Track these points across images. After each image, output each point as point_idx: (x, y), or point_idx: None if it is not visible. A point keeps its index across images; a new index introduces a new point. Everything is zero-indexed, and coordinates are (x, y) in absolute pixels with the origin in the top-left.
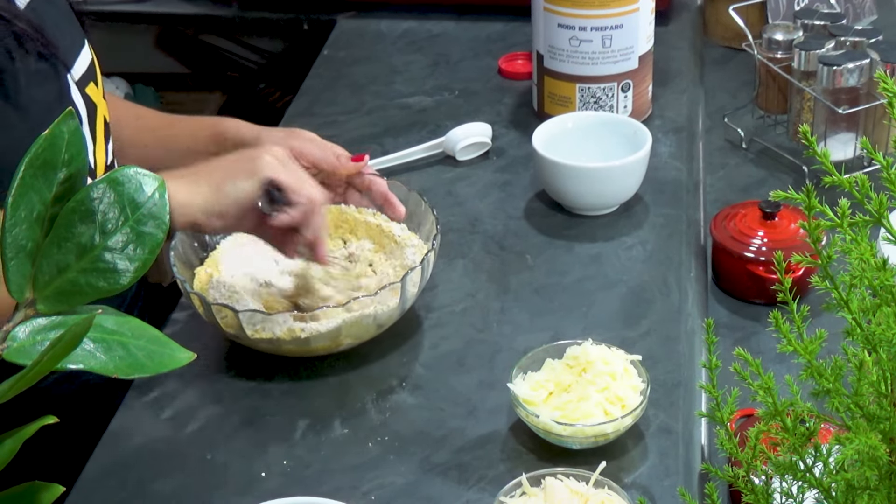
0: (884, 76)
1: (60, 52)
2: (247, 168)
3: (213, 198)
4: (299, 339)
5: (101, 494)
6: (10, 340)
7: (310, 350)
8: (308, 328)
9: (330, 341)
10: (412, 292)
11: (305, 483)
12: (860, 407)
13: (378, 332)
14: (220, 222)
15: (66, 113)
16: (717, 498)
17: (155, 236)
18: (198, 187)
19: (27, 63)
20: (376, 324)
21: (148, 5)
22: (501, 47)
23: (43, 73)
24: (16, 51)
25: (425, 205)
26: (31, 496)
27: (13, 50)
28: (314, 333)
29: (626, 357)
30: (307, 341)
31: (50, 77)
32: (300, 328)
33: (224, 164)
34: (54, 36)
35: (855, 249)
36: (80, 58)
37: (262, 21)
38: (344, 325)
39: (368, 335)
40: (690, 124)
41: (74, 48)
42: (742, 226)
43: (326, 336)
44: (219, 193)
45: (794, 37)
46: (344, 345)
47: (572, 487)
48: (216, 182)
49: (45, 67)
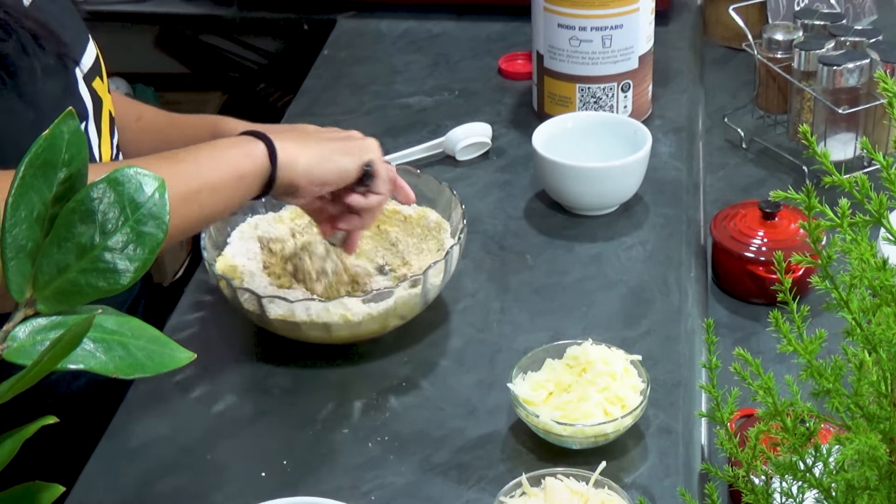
0: (884, 76)
1: (70, 48)
2: (355, 147)
3: (318, 164)
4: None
5: (102, 494)
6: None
7: (359, 334)
8: (357, 309)
9: (380, 324)
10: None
11: (305, 483)
12: (860, 407)
13: (423, 308)
14: (318, 189)
15: (67, 113)
16: (717, 498)
17: (155, 236)
18: (305, 150)
19: (40, 59)
20: (423, 301)
21: (148, 5)
22: (501, 47)
23: (53, 68)
24: (31, 46)
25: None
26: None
27: (28, 45)
28: (365, 317)
29: (626, 357)
30: (358, 325)
31: (59, 72)
32: (351, 312)
33: (333, 135)
34: (61, 32)
35: (855, 249)
36: (87, 53)
37: (262, 21)
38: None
39: (413, 313)
40: (690, 124)
41: (80, 43)
42: (742, 226)
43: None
44: (325, 162)
45: (794, 37)
46: (391, 326)
47: (572, 487)
48: (324, 150)
49: (54, 62)
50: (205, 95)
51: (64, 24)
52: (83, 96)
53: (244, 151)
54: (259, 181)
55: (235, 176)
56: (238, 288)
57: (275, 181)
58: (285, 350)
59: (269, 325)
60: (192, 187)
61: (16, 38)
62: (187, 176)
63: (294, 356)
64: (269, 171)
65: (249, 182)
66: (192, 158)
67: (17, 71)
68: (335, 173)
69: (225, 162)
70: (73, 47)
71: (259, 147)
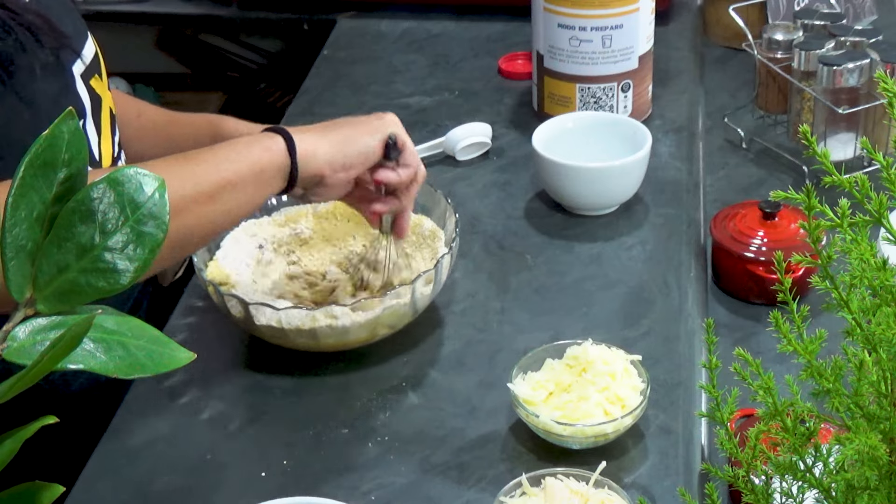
0: (884, 76)
1: (71, 39)
2: (374, 124)
3: (339, 150)
4: (338, 330)
5: (102, 494)
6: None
7: (347, 342)
8: (344, 318)
9: (368, 332)
10: (441, 280)
11: (305, 483)
12: (860, 407)
13: (413, 318)
14: (345, 174)
15: (67, 113)
16: (717, 498)
17: (155, 236)
18: (324, 139)
19: (38, 56)
20: (412, 310)
21: (148, 5)
22: (501, 47)
23: (51, 66)
24: (29, 43)
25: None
26: (31, 496)
27: (26, 42)
28: (352, 324)
29: (626, 357)
30: (346, 332)
31: (57, 69)
32: (335, 319)
33: (350, 120)
34: (60, 26)
35: (855, 249)
36: (85, 50)
37: (262, 21)
38: (383, 314)
39: (402, 323)
40: (690, 124)
41: (79, 40)
42: (742, 226)
43: (365, 326)
44: (346, 146)
45: (794, 37)
46: (380, 335)
47: (572, 487)
48: (343, 136)
49: (52, 60)
50: (205, 95)
51: (63, 20)
52: (81, 94)
53: (262, 147)
54: (280, 175)
55: (255, 171)
56: (226, 294)
57: (297, 174)
58: (285, 350)
59: (257, 331)
60: (212, 186)
61: (14, 37)
62: (207, 175)
63: (294, 356)
64: (289, 165)
65: (270, 176)
66: (211, 158)
67: (14, 70)
68: (358, 154)
69: (243, 158)
70: (73, 39)
71: (277, 141)
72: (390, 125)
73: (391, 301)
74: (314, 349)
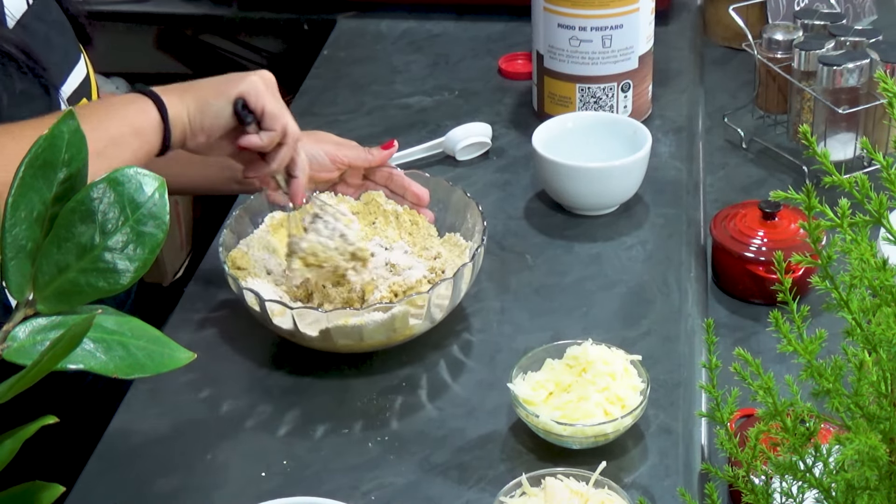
0: (884, 76)
1: (50, 72)
2: (221, 87)
3: (198, 113)
4: (356, 329)
5: (102, 494)
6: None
7: (363, 345)
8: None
9: (385, 335)
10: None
11: (305, 483)
12: (860, 407)
13: (432, 325)
14: (204, 138)
15: (67, 113)
16: (717, 498)
17: (155, 236)
18: (182, 104)
19: (21, 81)
20: (429, 320)
21: (148, 5)
22: (501, 47)
23: (30, 92)
24: (11, 68)
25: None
26: (31, 496)
27: (8, 67)
28: (370, 324)
29: (626, 357)
30: (360, 334)
31: (38, 96)
32: (356, 319)
33: (214, 80)
34: (44, 54)
35: (855, 249)
36: (73, 74)
37: (262, 21)
38: (399, 314)
39: (417, 333)
40: (690, 124)
41: (67, 64)
42: (742, 226)
43: (383, 327)
44: (204, 109)
45: (794, 37)
46: (399, 339)
47: (572, 487)
48: (203, 97)
49: (32, 87)
50: None
51: (51, 44)
52: None
53: (139, 108)
54: (157, 136)
55: (133, 131)
56: (245, 288)
57: (170, 134)
58: (286, 350)
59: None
60: (100, 142)
61: None
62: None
63: (294, 356)
64: (163, 126)
65: (148, 137)
66: (92, 115)
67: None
68: (212, 118)
69: (122, 117)
70: (55, 71)
71: (149, 104)
72: (242, 85)
73: (414, 321)
74: (328, 349)
